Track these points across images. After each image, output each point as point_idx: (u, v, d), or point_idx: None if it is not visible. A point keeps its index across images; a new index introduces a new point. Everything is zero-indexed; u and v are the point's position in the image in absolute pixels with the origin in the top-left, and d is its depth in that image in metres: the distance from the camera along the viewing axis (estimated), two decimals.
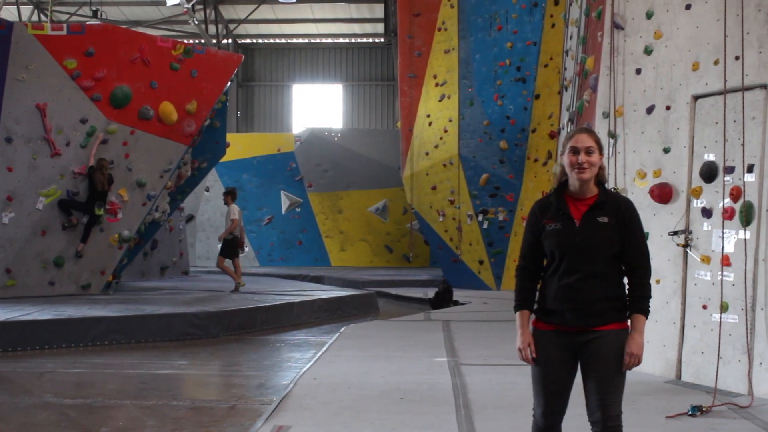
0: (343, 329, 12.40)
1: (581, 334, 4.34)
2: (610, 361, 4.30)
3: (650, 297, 4.37)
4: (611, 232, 4.35)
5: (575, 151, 4.39)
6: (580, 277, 4.33)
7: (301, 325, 14.27)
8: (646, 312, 4.34)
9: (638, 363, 4.31)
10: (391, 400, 7.50)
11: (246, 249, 19.02)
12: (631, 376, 4.46)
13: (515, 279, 4.59)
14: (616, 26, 9.10)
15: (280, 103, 39.53)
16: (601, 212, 4.38)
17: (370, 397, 7.65)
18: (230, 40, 37.82)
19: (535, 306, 4.52)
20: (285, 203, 28.17)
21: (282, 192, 28.15)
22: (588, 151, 4.37)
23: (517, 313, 4.50)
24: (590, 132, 4.50)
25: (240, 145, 27.09)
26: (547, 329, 4.42)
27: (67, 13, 34.46)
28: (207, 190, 27.89)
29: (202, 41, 34.53)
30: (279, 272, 24.45)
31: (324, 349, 10.58)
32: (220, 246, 16.90)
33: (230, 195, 16.80)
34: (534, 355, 4.40)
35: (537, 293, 4.54)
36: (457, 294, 17.71)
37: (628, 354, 4.28)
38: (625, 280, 4.44)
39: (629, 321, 4.36)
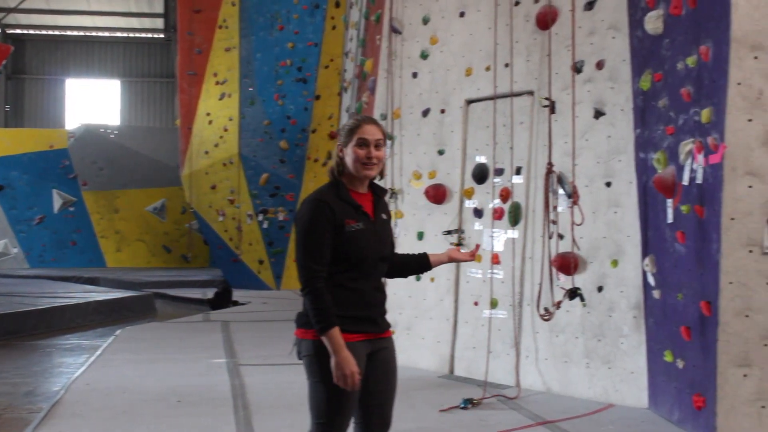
0: (118, 332, 12.10)
1: (378, 341, 3.99)
2: (395, 368, 4.07)
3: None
4: (390, 228, 4.13)
5: (364, 143, 3.91)
6: (378, 277, 4.03)
7: (74, 329, 13.82)
8: None
9: None
10: (168, 404, 7.38)
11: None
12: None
13: (311, 292, 3.77)
14: (394, 30, 9.31)
15: (53, 97, 37.91)
16: (382, 209, 4.07)
17: (146, 401, 7.49)
18: None
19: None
20: (57, 202, 27.09)
21: (54, 190, 27.04)
22: (377, 145, 3.93)
23: (330, 332, 3.74)
24: (378, 123, 4.03)
25: (9, 141, 26.09)
26: (355, 340, 3.84)
27: None
28: None
29: None
30: (51, 274, 23.54)
31: (98, 353, 10.28)
32: None
33: None
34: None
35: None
36: (237, 294, 17.65)
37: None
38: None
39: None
